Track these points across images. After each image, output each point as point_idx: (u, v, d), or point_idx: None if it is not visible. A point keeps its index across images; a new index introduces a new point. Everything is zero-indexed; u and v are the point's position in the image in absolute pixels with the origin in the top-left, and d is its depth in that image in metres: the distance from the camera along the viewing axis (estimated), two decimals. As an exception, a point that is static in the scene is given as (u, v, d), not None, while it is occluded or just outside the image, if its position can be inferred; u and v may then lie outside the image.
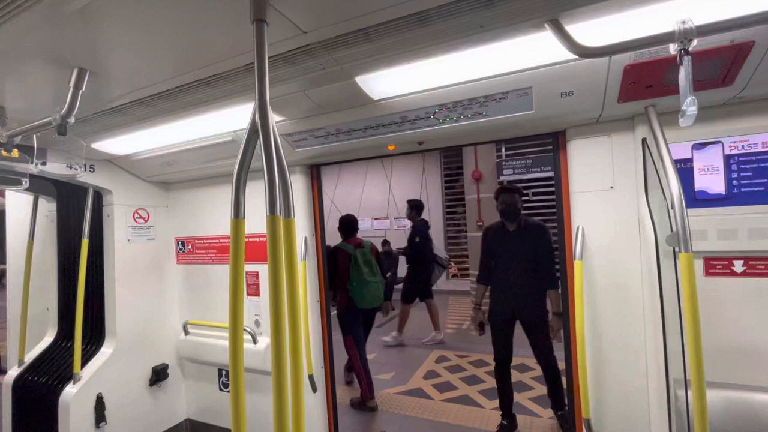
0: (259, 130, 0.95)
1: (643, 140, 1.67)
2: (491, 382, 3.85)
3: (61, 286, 2.87)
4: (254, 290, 2.71)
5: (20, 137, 1.68)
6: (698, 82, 1.39)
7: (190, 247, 3.01)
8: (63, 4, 1.02)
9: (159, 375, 2.85)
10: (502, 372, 3.09)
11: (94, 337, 2.72)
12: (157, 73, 1.49)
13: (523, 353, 4.57)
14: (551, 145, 2.03)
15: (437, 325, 5.36)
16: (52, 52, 1.28)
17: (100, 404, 2.50)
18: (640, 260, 1.71)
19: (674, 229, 1.31)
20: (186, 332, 2.95)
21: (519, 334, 3.03)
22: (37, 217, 2.94)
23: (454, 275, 9.52)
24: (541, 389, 3.58)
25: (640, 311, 1.71)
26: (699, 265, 1.58)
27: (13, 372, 2.75)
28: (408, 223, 9.46)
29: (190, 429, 3.05)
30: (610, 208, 1.77)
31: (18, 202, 3.35)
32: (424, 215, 5.15)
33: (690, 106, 1.05)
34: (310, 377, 2.43)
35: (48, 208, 2.97)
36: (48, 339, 2.88)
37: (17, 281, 3.12)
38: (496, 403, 3.41)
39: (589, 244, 1.81)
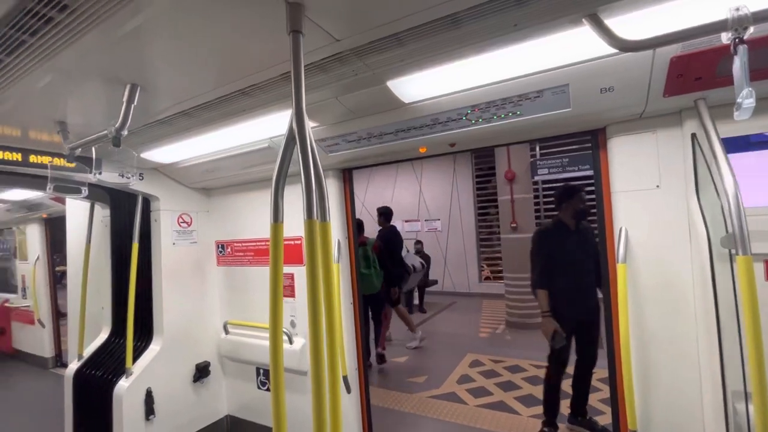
0: (296, 136, 0.98)
1: (693, 135, 1.57)
2: (528, 389, 3.74)
3: (114, 286, 3.08)
4: (289, 292, 2.79)
5: (80, 149, 1.83)
6: (755, 72, 1.29)
7: (229, 249, 3.15)
8: (116, 28, 1.11)
9: (202, 372, 2.99)
10: (558, 378, 2.96)
11: (144, 334, 2.89)
12: (200, 85, 1.57)
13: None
14: (589, 143, 1.95)
15: (412, 327, 5.30)
16: (107, 70, 1.38)
17: (149, 398, 2.66)
18: (691, 263, 1.60)
19: (730, 229, 1.23)
20: (226, 331, 3.08)
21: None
22: (93, 222, 3.17)
23: (487, 278, 9.33)
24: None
25: (692, 318, 1.60)
26: (759, 268, 1.47)
27: (74, 366, 2.98)
28: (439, 225, 9.39)
29: (230, 425, 3.17)
30: (656, 208, 1.68)
31: (76, 209, 3.65)
32: (456, 217, 5.09)
33: (747, 98, 0.98)
34: (344, 378, 2.46)
35: (102, 213, 3.20)
36: (103, 335, 3.10)
37: (76, 282, 3.39)
38: (534, 410, 3.31)
39: (633, 246, 1.72)
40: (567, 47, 1.34)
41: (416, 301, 7.71)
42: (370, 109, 1.82)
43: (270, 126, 2.06)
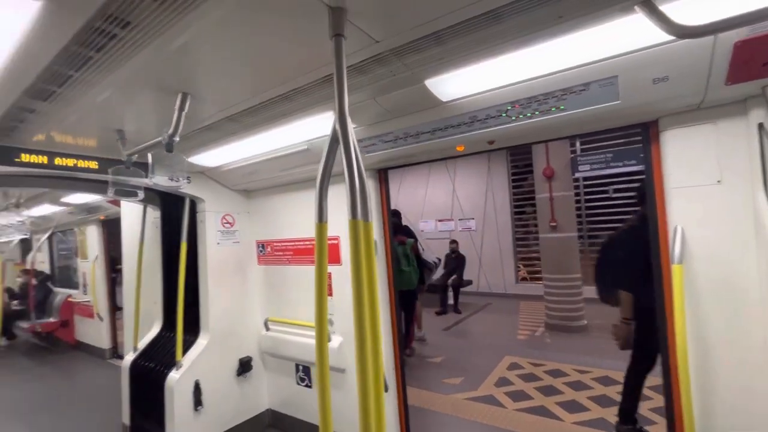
0: (339, 138, 1.00)
1: (760, 125, 1.45)
2: (570, 394, 3.59)
3: (164, 283, 3.28)
4: (328, 290, 2.84)
5: (136, 155, 1.96)
6: (834, 54, 1.17)
7: (269, 249, 3.25)
8: (170, 41, 1.18)
9: (244, 366, 3.11)
10: (644, 377, 2.76)
11: (192, 328, 3.05)
12: (244, 91, 1.64)
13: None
14: (639, 136, 1.85)
15: (420, 325, 5.56)
16: (160, 81, 1.47)
17: (197, 390, 2.80)
18: (757, 263, 1.48)
19: None
20: (267, 328, 3.19)
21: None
22: (145, 223, 3.39)
23: (524, 279, 9.06)
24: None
25: (759, 323, 1.48)
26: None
27: (129, 357, 3.20)
28: (473, 224, 9.22)
29: (271, 418, 3.28)
30: (716, 205, 1.56)
31: (130, 211, 3.90)
32: (490, 216, 4.97)
33: None
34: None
35: (153, 215, 3.41)
36: (155, 329, 3.30)
37: (131, 279, 3.63)
38: (578, 416, 3.17)
39: (690, 245, 1.61)
40: (616, 37, 1.28)
41: (450, 301, 7.62)
42: (407, 108, 1.82)
43: (309, 129, 2.11)
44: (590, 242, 8.04)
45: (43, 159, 2.16)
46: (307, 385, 2.97)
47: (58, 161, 2.21)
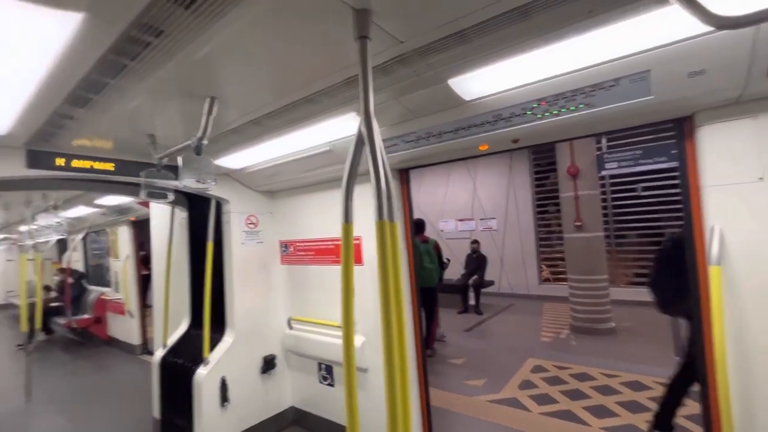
0: (365, 139, 1.00)
1: None
2: (598, 399, 3.49)
3: (192, 282, 3.38)
4: (349, 290, 2.86)
5: (166, 158, 2.03)
6: None
7: (291, 249, 3.30)
8: (197, 50, 1.22)
9: (268, 364, 3.17)
10: (691, 385, 2.64)
11: (218, 326, 3.13)
12: (268, 95, 1.67)
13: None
14: (670, 132, 1.78)
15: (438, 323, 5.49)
16: (189, 87, 1.52)
17: (224, 386, 2.87)
18: None
19: None
20: (290, 327, 3.24)
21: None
22: (173, 224, 3.50)
23: (546, 279, 8.86)
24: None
25: None
26: None
27: (159, 353, 3.31)
28: (494, 224, 9.09)
29: (294, 416, 3.33)
30: (758, 203, 1.48)
31: (158, 212, 4.04)
32: (512, 216, 4.90)
33: None
34: (404, 377, 2.47)
35: (181, 216, 3.51)
36: (183, 326, 3.41)
37: (160, 277, 3.76)
38: (607, 422, 3.08)
39: (729, 246, 1.54)
40: (649, 30, 1.23)
41: (472, 302, 7.53)
42: (429, 108, 1.82)
43: (331, 130, 2.13)
44: (617, 242, 7.79)
45: (80, 163, 2.26)
46: (329, 384, 3.00)
47: (94, 165, 2.31)
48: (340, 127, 2.08)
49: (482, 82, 1.56)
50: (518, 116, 1.73)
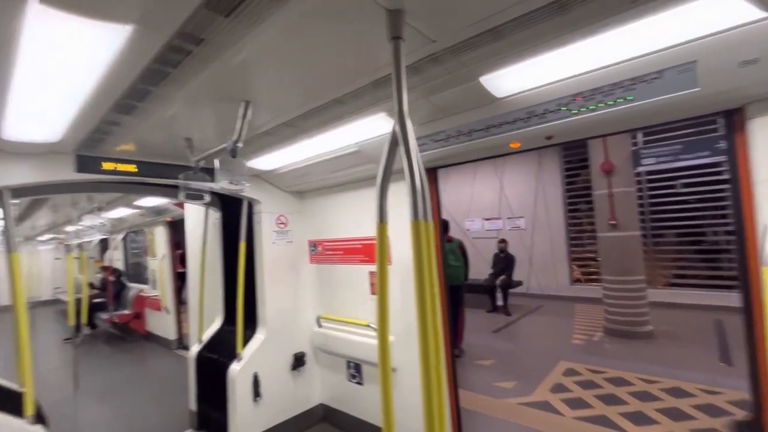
0: (399, 139, 1.00)
1: None
2: (636, 405, 3.35)
3: (225, 280, 3.49)
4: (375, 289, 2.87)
5: (203, 161, 2.11)
6: None
7: (320, 248, 3.35)
8: (235, 55, 1.26)
9: (298, 361, 3.24)
10: None
11: (250, 323, 3.22)
12: (300, 97, 1.70)
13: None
14: (712, 125, 1.68)
15: None
16: (225, 91, 1.57)
17: (256, 381, 2.95)
18: None
19: None
20: (319, 325, 3.29)
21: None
22: (207, 224, 3.62)
23: (577, 280, 8.57)
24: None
25: None
26: None
27: (195, 348, 3.44)
28: (522, 222, 8.89)
29: (323, 413, 3.38)
30: None
31: (193, 213, 4.19)
32: (541, 214, 4.77)
33: None
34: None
35: (214, 216, 3.64)
36: (217, 323, 3.53)
37: (195, 276, 3.91)
38: (645, 429, 2.95)
39: None
40: (696, 19, 1.17)
41: (499, 302, 7.40)
42: (460, 106, 1.80)
43: (359, 131, 2.14)
44: (654, 241, 7.44)
45: (123, 166, 2.38)
46: (358, 382, 3.03)
47: (135, 168, 2.44)
48: (369, 128, 2.09)
49: (515, 79, 1.53)
50: (552, 112, 1.69)
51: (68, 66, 1.19)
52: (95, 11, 0.90)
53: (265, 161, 2.73)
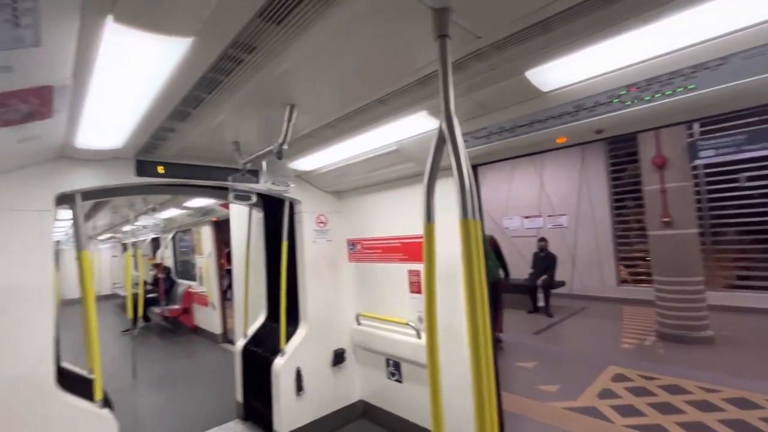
0: (446, 137, 1.00)
1: None
2: (695, 415, 3.12)
3: (268, 278, 3.62)
4: (416, 288, 2.87)
5: (250, 164, 2.20)
6: None
7: (359, 247, 3.40)
8: (283, 61, 1.30)
9: (339, 357, 3.30)
10: None
11: (292, 320, 3.32)
12: (343, 98, 1.74)
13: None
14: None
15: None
16: (271, 96, 1.63)
17: (299, 376, 3.05)
18: None
19: None
20: (358, 322, 3.34)
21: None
22: (251, 224, 3.78)
23: (625, 281, 8.12)
24: None
25: None
26: None
27: (240, 342, 3.60)
28: (565, 220, 8.54)
29: (363, 409, 3.43)
30: None
31: (237, 213, 4.39)
32: (585, 211, 4.54)
33: None
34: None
35: (257, 216, 3.78)
36: (261, 319, 3.67)
37: (239, 274, 4.09)
38: (705, 442, 2.75)
39: None
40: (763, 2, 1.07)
41: (540, 303, 7.16)
42: (503, 102, 1.76)
43: (399, 130, 2.15)
44: (713, 240, 6.88)
45: (176, 170, 2.54)
46: (397, 380, 3.04)
47: (186, 171, 2.59)
48: (408, 127, 2.09)
49: (563, 72, 1.47)
50: (603, 105, 1.61)
51: (135, 78, 1.28)
52: (161, 26, 0.97)
53: (305, 162, 2.81)
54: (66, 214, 3.45)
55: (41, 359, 1.99)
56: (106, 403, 2.24)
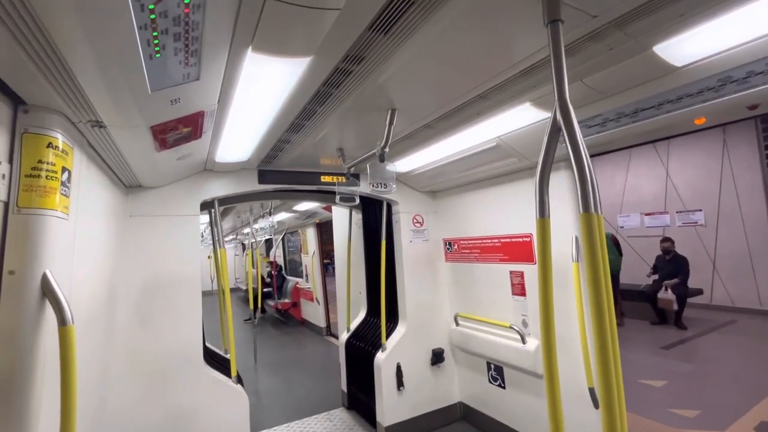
0: (562, 127, 0.94)
1: None
2: None
3: (368, 276, 3.81)
4: (519, 290, 2.73)
5: (353, 168, 2.35)
6: None
7: (456, 247, 3.36)
8: (388, 68, 1.37)
9: (437, 357, 3.30)
10: None
11: (391, 317, 3.43)
12: (443, 98, 1.74)
13: None
14: None
15: None
16: (373, 102, 1.71)
17: (399, 371, 3.13)
18: None
19: None
20: (456, 323, 3.30)
21: None
22: (351, 225, 4.02)
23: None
24: None
25: None
26: None
27: (344, 336, 3.85)
28: (701, 217, 7.20)
29: (463, 412, 3.37)
30: None
31: (338, 215, 4.70)
32: (729, 206, 3.72)
33: None
34: (591, 390, 2.20)
35: (356, 217, 4.00)
36: (361, 315, 3.87)
37: (341, 272, 4.38)
38: None
39: None
40: None
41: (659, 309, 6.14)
42: (623, 84, 1.57)
43: (499, 125, 2.07)
44: None
45: (290, 177, 2.85)
46: (500, 386, 2.93)
47: (299, 178, 2.88)
48: (509, 121, 2.01)
49: (704, 40, 1.26)
50: (760, 74, 1.33)
51: (263, 98, 1.48)
52: (287, 50, 1.10)
53: (402, 164, 2.89)
54: (203, 218, 4.10)
55: (192, 338, 2.40)
56: (239, 380, 2.61)
